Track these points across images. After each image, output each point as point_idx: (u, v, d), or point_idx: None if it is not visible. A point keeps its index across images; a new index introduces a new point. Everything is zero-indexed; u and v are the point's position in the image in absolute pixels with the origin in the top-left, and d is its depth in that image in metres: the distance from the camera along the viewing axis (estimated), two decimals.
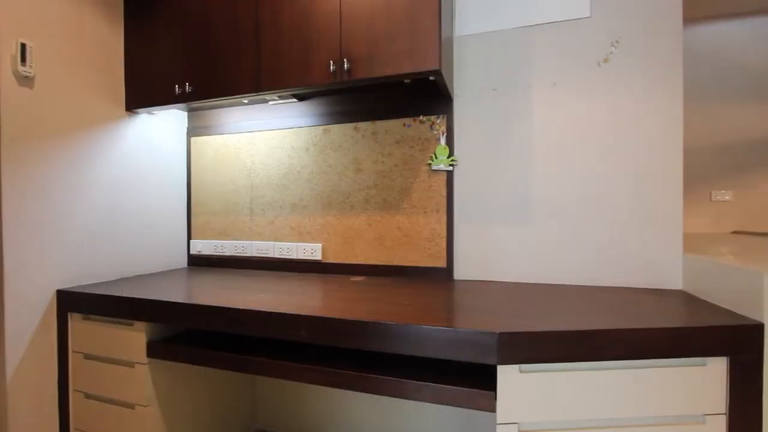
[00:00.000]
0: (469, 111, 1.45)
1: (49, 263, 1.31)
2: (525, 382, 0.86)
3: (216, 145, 1.82)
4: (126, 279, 1.53)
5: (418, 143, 1.50)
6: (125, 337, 1.24)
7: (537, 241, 1.37)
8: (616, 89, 1.30)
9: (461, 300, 1.14)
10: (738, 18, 3.12)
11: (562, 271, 1.35)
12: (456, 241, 1.46)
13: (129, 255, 1.59)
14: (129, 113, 1.60)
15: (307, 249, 1.66)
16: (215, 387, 1.52)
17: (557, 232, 1.36)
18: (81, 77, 1.42)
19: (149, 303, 1.18)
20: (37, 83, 1.28)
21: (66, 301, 1.32)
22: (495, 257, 1.42)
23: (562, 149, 1.35)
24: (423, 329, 0.89)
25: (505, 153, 1.41)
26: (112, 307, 1.23)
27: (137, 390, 1.23)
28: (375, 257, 1.56)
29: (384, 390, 0.97)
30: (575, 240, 1.34)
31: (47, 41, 1.31)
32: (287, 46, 1.33)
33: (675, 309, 1.01)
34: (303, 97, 1.65)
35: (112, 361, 1.27)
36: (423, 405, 1.49)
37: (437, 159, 1.46)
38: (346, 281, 1.45)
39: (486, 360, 0.85)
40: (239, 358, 1.10)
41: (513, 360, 0.84)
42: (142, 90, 1.55)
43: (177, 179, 1.83)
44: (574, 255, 1.34)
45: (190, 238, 1.87)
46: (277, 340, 1.21)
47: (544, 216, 1.37)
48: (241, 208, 1.78)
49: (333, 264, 1.62)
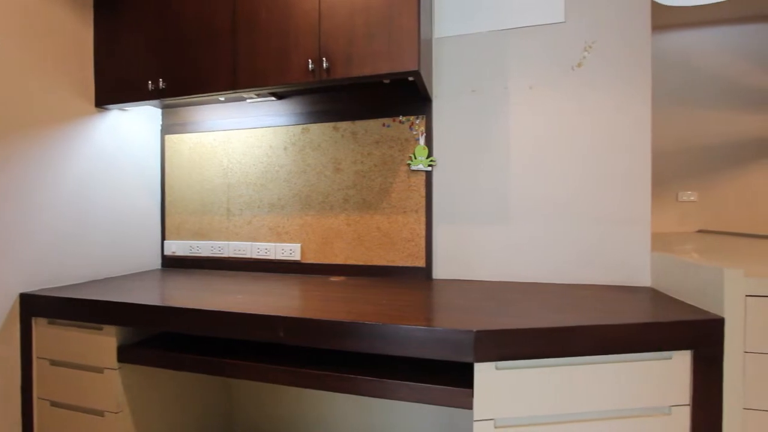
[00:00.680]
0: (448, 112, 1.46)
1: (12, 266, 1.25)
2: (501, 378, 0.87)
3: (191, 143, 1.78)
4: (95, 281, 1.47)
5: (397, 143, 1.51)
6: (94, 342, 1.20)
7: (513, 241, 1.40)
8: (589, 93, 1.34)
9: (439, 299, 1.15)
10: (703, 27, 3.26)
11: (537, 270, 1.38)
12: (435, 241, 1.47)
13: (99, 257, 1.53)
14: (99, 109, 1.54)
15: (286, 249, 1.64)
16: (190, 391, 1.49)
17: (533, 231, 1.39)
18: (47, 72, 1.36)
19: (119, 306, 1.14)
20: None
21: (30, 306, 1.26)
22: (473, 257, 1.44)
23: (537, 151, 1.38)
24: (401, 329, 0.90)
25: (484, 154, 1.43)
26: (80, 311, 1.19)
27: (107, 396, 1.19)
28: (354, 257, 1.56)
29: (362, 390, 0.97)
30: (550, 239, 1.37)
31: (10, 33, 1.24)
32: (265, 43, 1.31)
33: (643, 305, 1.05)
34: (281, 96, 1.63)
35: (80, 367, 1.22)
36: (404, 403, 1.50)
37: (416, 159, 1.47)
38: (325, 281, 1.44)
39: (463, 358, 0.86)
40: (214, 361, 1.08)
41: (489, 357, 0.86)
42: (113, 85, 1.50)
43: (150, 178, 1.78)
44: (548, 254, 1.37)
45: (164, 238, 1.82)
46: (255, 341, 1.19)
47: (520, 216, 1.40)
48: (218, 207, 1.74)
49: (312, 264, 1.61)
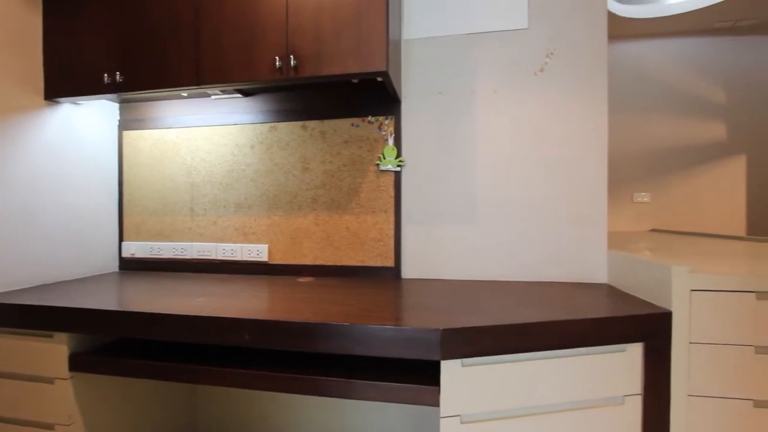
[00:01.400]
0: (417, 113, 1.48)
1: None
2: (466, 375, 0.89)
3: (152, 140, 1.70)
4: (45, 286, 1.38)
5: (366, 143, 1.51)
6: (43, 351, 1.12)
7: (479, 240, 1.44)
8: (550, 98, 1.39)
9: (408, 298, 1.16)
10: (655, 39, 3.46)
11: (502, 269, 1.42)
12: (404, 241, 1.49)
13: (49, 259, 1.44)
14: (49, 103, 1.45)
15: (253, 250, 1.61)
16: (151, 398, 1.42)
17: (498, 231, 1.43)
18: None
19: (71, 311, 1.08)
20: None
21: None
22: (441, 256, 1.46)
23: (502, 153, 1.42)
24: (369, 329, 0.90)
25: (451, 155, 1.46)
26: (27, 318, 1.11)
27: (58, 408, 1.12)
28: (323, 257, 1.54)
29: (330, 392, 0.96)
30: (514, 239, 1.41)
31: None
32: (230, 37, 1.28)
33: (599, 301, 1.10)
34: (248, 93, 1.60)
35: (27, 378, 1.14)
36: (375, 402, 1.50)
37: (385, 159, 1.47)
38: (293, 282, 1.42)
39: (430, 356, 0.87)
40: (176, 367, 1.04)
41: (455, 355, 0.87)
42: (64, 77, 1.41)
43: (107, 176, 1.69)
44: (512, 253, 1.42)
45: (122, 239, 1.73)
46: (221, 345, 1.16)
47: (486, 216, 1.43)
48: (181, 207, 1.68)
49: (280, 265, 1.58)
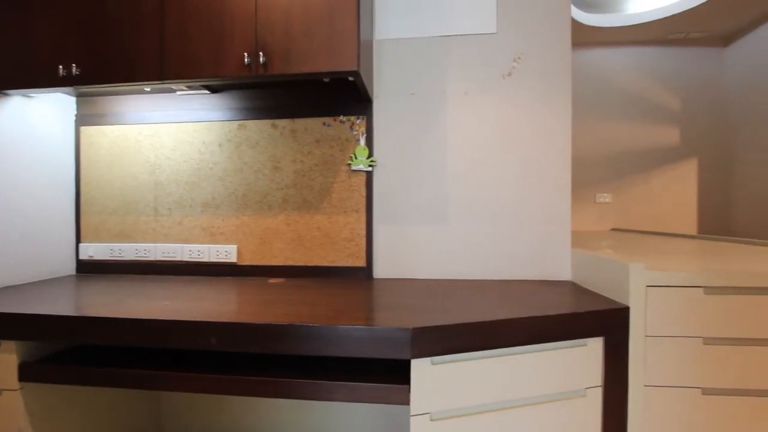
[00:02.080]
0: (389, 113, 1.48)
1: None
2: (436, 373, 0.90)
3: (113, 137, 1.62)
4: None
5: (338, 143, 1.50)
6: None
7: (450, 240, 1.46)
8: (517, 101, 1.43)
9: (379, 298, 1.17)
10: (617, 47, 3.63)
11: (471, 267, 1.45)
12: (375, 241, 1.49)
13: None
14: None
15: (221, 251, 1.56)
16: (111, 408, 1.36)
17: (467, 230, 1.45)
18: None
19: (20, 318, 1.01)
20: None
21: None
22: (412, 256, 1.47)
23: (472, 154, 1.45)
24: (339, 329, 0.90)
25: (423, 155, 1.47)
26: None
27: (6, 421, 1.05)
28: (294, 258, 1.52)
29: (300, 394, 0.95)
30: (482, 238, 1.45)
31: None
32: (197, 31, 1.24)
33: (564, 298, 1.14)
34: (216, 89, 1.55)
35: None
36: (347, 403, 1.49)
37: (357, 159, 1.47)
38: (263, 284, 1.40)
39: (400, 355, 0.88)
40: (137, 373, 0.99)
41: (425, 353, 0.88)
42: (14, 68, 1.32)
43: (62, 174, 1.60)
44: (481, 252, 1.45)
45: (79, 241, 1.64)
46: (188, 350, 1.12)
47: (456, 216, 1.46)
48: (144, 207, 1.61)
49: (249, 266, 1.55)
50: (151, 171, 1.60)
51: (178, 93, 1.56)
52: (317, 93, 1.51)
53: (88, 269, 1.64)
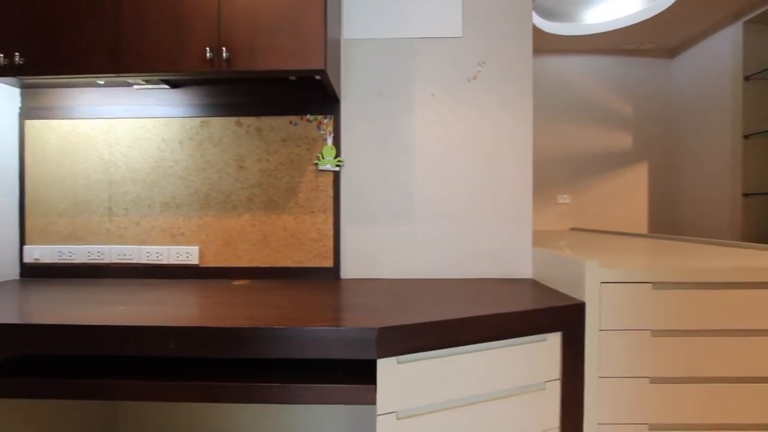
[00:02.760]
0: (356, 113, 1.48)
1: None
2: (402, 372, 0.91)
3: (62, 132, 1.53)
4: None
5: (305, 142, 1.48)
6: None
7: (416, 240, 1.48)
8: (482, 104, 1.47)
9: (346, 298, 1.16)
10: (576, 55, 3.80)
11: (437, 266, 1.48)
12: (343, 241, 1.48)
13: None
14: None
15: (182, 252, 1.51)
16: (62, 418, 1.27)
17: (434, 230, 1.48)
18: None
19: None
20: None
21: None
22: (379, 255, 1.48)
23: (438, 155, 1.48)
24: (305, 331, 0.88)
25: (390, 156, 1.48)
26: None
27: None
28: (259, 259, 1.49)
29: (265, 398, 0.93)
30: (448, 237, 1.48)
31: None
32: (156, 23, 1.19)
33: (525, 295, 1.18)
34: (176, 84, 1.49)
35: None
36: (313, 405, 1.48)
37: (324, 159, 1.46)
38: (227, 286, 1.36)
39: (367, 355, 0.88)
40: (88, 383, 0.94)
41: (391, 353, 0.89)
42: None
43: (4, 171, 1.48)
44: (447, 251, 1.48)
45: (23, 243, 1.53)
46: (149, 356, 1.07)
47: (422, 216, 1.48)
48: (97, 207, 1.52)
49: (212, 268, 1.50)
50: (106, 169, 1.52)
51: (135, 87, 1.49)
52: (284, 91, 1.48)
53: (33, 273, 1.53)
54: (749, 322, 1.09)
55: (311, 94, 1.47)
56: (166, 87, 1.48)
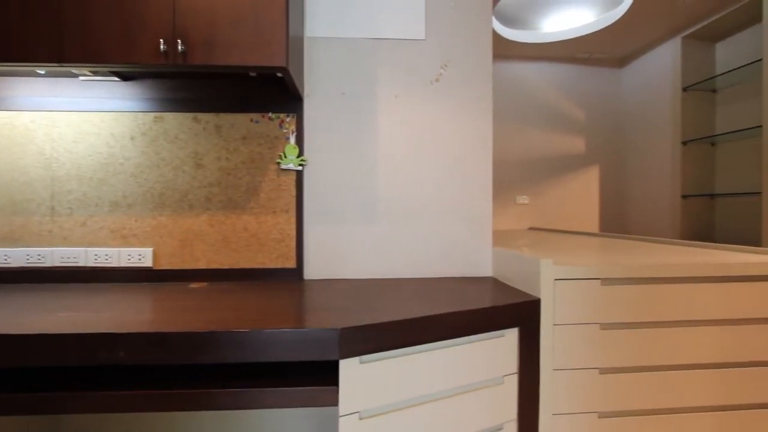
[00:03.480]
0: (320, 112, 1.47)
1: None
2: (364, 372, 0.91)
3: None
4: None
5: (266, 140, 1.45)
6: None
7: (380, 240, 1.48)
8: (444, 106, 1.50)
9: (309, 300, 1.15)
10: (534, 62, 3.96)
11: (400, 266, 1.49)
12: (306, 241, 1.46)
13: None
14: None
15: (134, 255, 1.43)
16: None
17: (396, 230, 1.49)
18: None
19: None
20: None
21: None
22: (344, 256, 1.47)
23: (401, 155, 1.49)
24: (265, 333, 0.86)
25: (353, 155, 1.48)
26: None
27: None
28: (218, 261, 1.44)
29: (223, 404, 0.90)
30: (411, 237, 1.49)
31: None
32: (105, 12, 1.12)
33: (485, 293, 1.22)
34: (127, 77, 1.41)
35: None
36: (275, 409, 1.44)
37: (286, 158, 1.43)
38: (183, 289, 1.30)
39: (329, 356, 0.87)
40: (21, 398, 0.87)
41: (354, 353, 0.89)
42: None
43: None
44: (410, 251, 1.49)
45: None
46: (98, 366, 1.00)
47: (385, 216, 1.49)
48: (37, 206, 1.41)
49: (168, 271, 1.43)
50: (47, 165, 1.41)
51: (81, 78, 1.39)
52: (244, 87, 1.44)
53: None
54: (688, 313, 1.18)
55: (273, 91, 1.44)
56: (116, 79, 1.39)
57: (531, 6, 3.27)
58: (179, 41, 1.11)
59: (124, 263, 1.42)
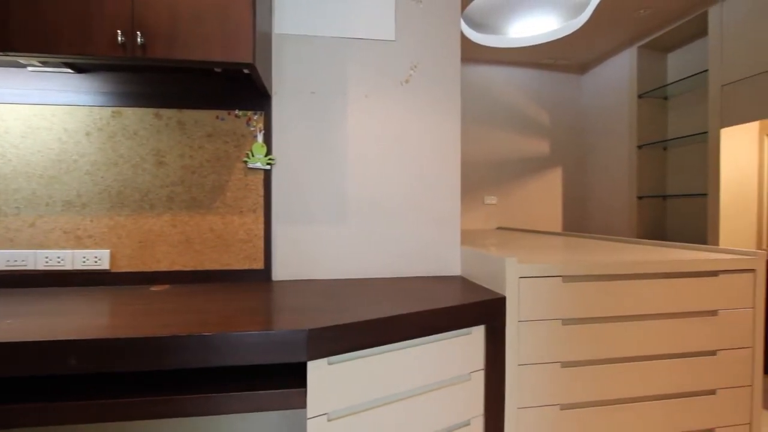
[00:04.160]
0: (289, 111, 1.44)
1: None
2: (333, 373, 0.91)
3: None
4: None
5: (233, 138, 1.41)
6: None
7: (349, 240, 1.48)
8: (414, 107, 1.52)
9: (277, 301, 1.13)
10: (502, 66, 4.07)
11: (370, 266, 1.49)
12: (274, 242, 1.44)
13: None
14: None
15: (89, 257, 1.35)
16: None
17: (366, 230, 1.49)
18: None
19: None
20: None
21: None
22: (312, 256, 1.46)
23: (371, 155, 1.49)
24: (231, 336, 0.84)
25: (323, 155, 1.46)
26: None
27: None
28: (182, 262, 1.39)
29: (187, 411, 0.87)
30: (381, 237, 1.50)
31: None
32: None
33: (452, 292, 1.24)
34: (82, 69, 1.34)
35: None
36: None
37: (254, 157, 1.40)
38: (143, 292, 1.24)
39: (297, 358, 0.86)
40: None
41: (322, 354, 0.88)
42: None
43: None
44: (380, 250, 1.50)
45: None
46: (50, 376, 0.94)
47: (355, 216, 1.48)
48: None
49: (127, 273, 1.37)
50: None
51: (29, 69, 1.31)
52: (209, 83, 1.40)
53: None
54: (640, 308, 1.25)
55: (240, 88, 1.41)
56: (69, 71, 1.32)
57: (499, 11, 3.36)
58: (139, 33, 1.06)
59: (78, 266, 1.34)
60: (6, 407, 0.81)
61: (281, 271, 1.44)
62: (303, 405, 0.90)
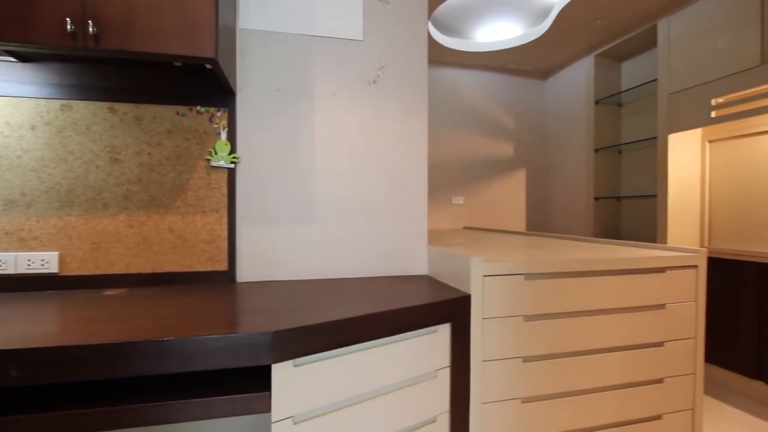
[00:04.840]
0: (254, 108, 1.41)
1: None
2: (298, 375, 0.89)
3: None
4: None
5: (195, 135, 1.36)
6: None
7: (316, 240, 1.46)
8: (381, 107, 1.52)
9: (241, 303, 1.10)
10: (468, 69, 4.16)
11: (338, 266, 1.48)
12: (238, 243, 1.40)
13: None
14: None
15: (35, 260, 1.26)
16: None
17: (333, 230, 1.48)
18: None
19: None
20: None
21: None
22: (278, 256, 1.43)
23: (338, 155, 1.49)
24: (191, 341, 0.81)
25: (289, 154, 1.44)
26: None
27: None
28: (139, 265, 1.32)
29: (141, 420, 0.83)
30: (348, 237, 1.49)
31: None
32: None
33: (419, 291, 1.25)
34: (27, 58, 1.25)
35: None
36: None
37: (217, 155, 1.36)
38: (96, 297, 1.18)
39: (261, 361, 0.84)
40: None
41: (287, 356, 0.87)
42: None
43: None
44: (347, 250, 1.49)
45: None
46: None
47: (322, 216, 1.47)
48: None
49: (78, 277, 1.29)
50: None
51: None
52: (169, 77, 1.34)
53: None
54: (595, 303, 1.31)
55: (202, 83, 1.36)
56: (12, 60, 1.22)
57: (465, 16, 3.43)
58: (90, 22, 1.01)
59: (23, 269, 1.25)
60: None
61: (246, 273, 1.40)
62: (267, 409, 0.88)
